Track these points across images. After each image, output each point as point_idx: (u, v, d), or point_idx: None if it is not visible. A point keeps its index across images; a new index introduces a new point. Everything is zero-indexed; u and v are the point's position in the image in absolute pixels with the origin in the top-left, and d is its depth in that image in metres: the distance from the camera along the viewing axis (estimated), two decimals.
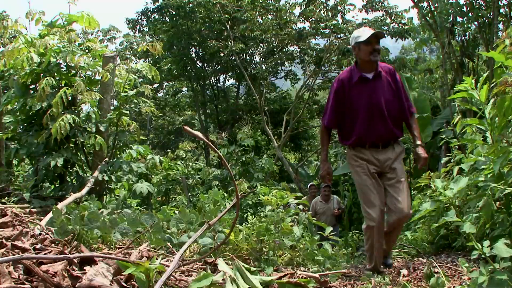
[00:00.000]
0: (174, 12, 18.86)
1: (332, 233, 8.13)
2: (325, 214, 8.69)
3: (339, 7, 16.83)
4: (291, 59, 18.57)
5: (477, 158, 3.21)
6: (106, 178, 4.64)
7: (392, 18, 16.54)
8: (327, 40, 16.95)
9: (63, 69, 5.19)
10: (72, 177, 5.30)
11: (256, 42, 18.40)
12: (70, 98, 4.72)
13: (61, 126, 4.29)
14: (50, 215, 3.90)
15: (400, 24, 16.42)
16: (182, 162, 12.49)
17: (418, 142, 3.74)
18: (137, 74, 4.96)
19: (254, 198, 10.03)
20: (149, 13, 20.80)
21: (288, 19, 17.08)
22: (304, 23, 17.48)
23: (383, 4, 16.54)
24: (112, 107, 5.06)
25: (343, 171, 11.97)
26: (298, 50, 17.83)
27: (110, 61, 4.93)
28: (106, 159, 4.89)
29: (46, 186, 5.70)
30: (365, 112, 3.65)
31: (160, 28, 20.47)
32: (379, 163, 3.67)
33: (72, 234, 2.62)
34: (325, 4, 16.83)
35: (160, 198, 12.62)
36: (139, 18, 21.56)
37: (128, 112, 4.74)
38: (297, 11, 17.93)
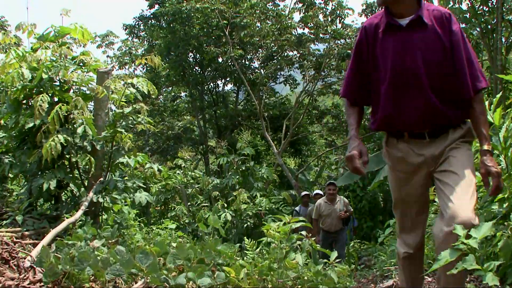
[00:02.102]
0: (170, 18, 18.71)
1: (338, 240, 7.92)
2: (330, 216, 8.11)
3: (338, 11, 16.68)
4: (291, 64, 18.42)
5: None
6: (100, 199, 4.47)
7: None
8: (326, 45, 16.81)
9: (56, 84, 5.01)
10: (67, 197, 5.13)
11: (255, 48, 18.25)
12: (65, 115, 4.54)
13: (52, 147, 4.12)
14: (43, 242, 3.74)
15: None
16: (181, 171, 12.30)
17: (485, 147, 2.35)
18: (136, 86, 4.78)
19: (254, 208, 9.90)
20: (146, 19, 20.69)
21: (288, 25, 16.93)
22: (304, 29, 17.33)
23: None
24: (107, 124, 4.89)
25: (345, 182, 11.53)
26: (298, 55, 17.67)
27: (105, 76, 4.76)
28: (101, 178, 4.73)
29: (41, 204, 5.54)
30: (392, 80, 2.45)
31: (157, 34, 20.35)
32: (425, 163, 2.49)
33: (62, 274, 2.44)
34: (324, 9, 16.69)
35: (159, 208, 12.47)
36: (136, 23, 21.45)
37: (123, 130, 4.57)
38: (296, 15, 17.81)
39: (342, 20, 16.69)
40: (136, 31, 22.00)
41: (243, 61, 19.45)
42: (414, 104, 2.44)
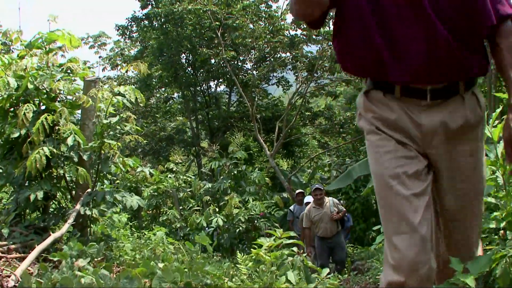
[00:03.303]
0: (163, 19, 18.60)
1: (337, 244, 7.70)
2: (322, 221, 7.60)
3: (331, 13, 16.58)
4: (283, 65, 18.34)
5: (487, 200, 2.96)
6: (88, 212, 4.37)
7: None
8: (319, 47, 16.73)
9: (43, 91, 4.91)
10: (54, 208, 5.03)
11: (247, 49, 18.16)
12: (51, 125, 4.44)
13: (37, 160, 4.02)
14: (28, 259, 3.64)
15: None
16: (173, 175, 12.20)
17: None
18: (126, 93, 4.68)
19: (246, 213, 9.81)
20: (139, 20, 20.55)
21: (280, 26, 16.85)
22: (296, 30, 17.26)
23: None
24: (94, 133, 4.79)
25: (338, 186, 11.34)
26: (291, 57, 17.59)
27: (91, 85, 4.67)
28: (89, 189, 4.63)
29: (28, 213, 5.42)
30: (387, 8, 1.70)
31: (150, 35, 20.23)
32: (421, 134, 1.78)
33: None
34: None
35: (150, 212, 12.36)
36: (129, 24, 21.30)
37: (110, 141, 4.48)
38: (289, 16, 17.73)
39: None
40: (128, 32, 21.85)
41: (236, 62, 19.35)
42: (412, 36, 1.66)
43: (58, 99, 4.77)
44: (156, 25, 19.54)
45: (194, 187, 11.08)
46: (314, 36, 16.64)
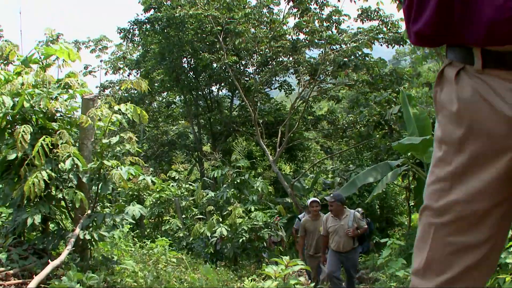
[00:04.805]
0: (164, 24, 18.48)
1: (348, 260, 7.41)
2: (337, 233, 7.01)
3: (334, 17, 16.47)
4: (285, 69, 18.20)
5: None
6: (87, 236, 4.24)
7: (388, 27, 16.19)
8: (322, 51, 16.59)
9: (40, 110, 4.77)
10: (53, 229, 4.90)
11: (249, 54, 18.03)
12: (50, 147, 4.30)
13: (35, 184, 3.89)
14: None
15: (396, 33, 16.07)
16: (175, 183, 12.08)
17: None
18: (128, 111, 4.55)
19: (249, 223, 9.68)
20: (141, 24, 20.43)
21: (282, 32, 16.72)
22: (298, 34, 17.11)
23: (378, 14, 16.18)
24: (93, 153, 4.66)
25: (344, 194, 10.88)
26: (293, 61, 17.45)
27: (90, 103, 4.53)
28: (89, 211, 4.50)
29: (27, 232, 5.30)
30: None
31: (151, 39, 20.13)
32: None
33: None
34: (319, 14, 16.47)
35: (153, 220, 12.23)
36: (131, 28, 21.19)
37: (110, 163, 4.34)
38: (291, 20, 17.60)
39: (338, 26, 16.49)
40: (130, 36, 21.74)
41: (238, 66, 19.22)
42: None
43: (56, 116, 4.63)
44: (158, 29, 19.43)
45: (197, 196, 10.95)
46: (316, 40, 16.51)
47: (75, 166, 4.20)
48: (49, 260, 3.85)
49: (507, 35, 1.08)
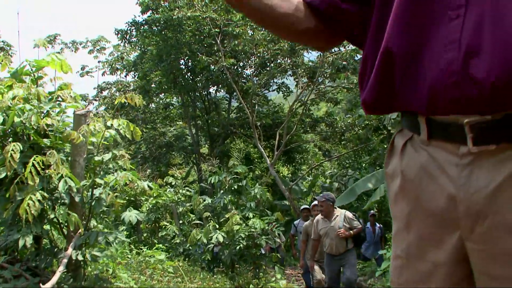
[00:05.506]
0: (162, 25, 18.39)
1: (346, 262, 7.23)
2: (328, 236, 6.75)
3: None
4: (284, 71, 18.11)
5: None
6: (80, 257, 4.15)
7: None
8: (320, 54, 16.48)
9: (30, 127, 4.66)
10: (46, 247, 4.81)
11: (247, 56, 17.94)
12: (42, 167, 4.19)
13: (31, 206, 3.79)
14: None
15: None
16: (172, 189, 12.01)
17: None
18: (120, 128, 4.45)
19: (247, 230, 9.59)
20: (138, 25, 20.33)
21: None
22: None
23: None
24: (85, 170, 4.57)
25: (344, 202, 10.78)
26: (291, 63, 17.36)
27: (82, 119, 4.43)
28: (82, 229, 4.41)
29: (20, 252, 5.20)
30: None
31: (149, 40, 20.03)
32: (463, 205, 0.99)
33: None
34: None
35: (149, 226, 12.15)
36: (128, 29, 21.08)
37: (102, 181, 4.25)
38: None
39: None
40: (128, 37, 21.65)
41: (236, 67, 19.12)
42: (443, 36, 0.98)
43: (48, 132, 4.52)
44: (156, 31, 19.33)
45: (194, 203, 10.86)
46: None
47: (68, 186, 4.10)
48: (41, 284, 3.75)
49: (451, 103, 0.97)
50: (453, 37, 0.97)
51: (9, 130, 4.72)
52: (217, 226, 10.07)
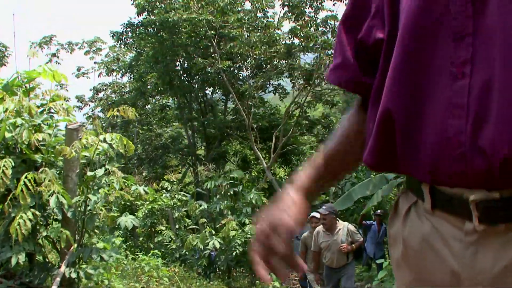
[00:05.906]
0: (158, 27, 18.31)
1: (345, 274, 7.16)
2: (329, 249, 6.52)
3: (329, 21, 16.35)
4: (280, 73, 18.06)
5: None
6: (73, 275, 4.09)
7: None
8: (317, 56, 16.46)
9: (21, 142, 4.58)
10: (39, 262, 4.75)
11: (243, 58, 17.89)
12: (34, 184, 4.13)
13: (21, 225, 3.73)
14: None
15: None
16: (168, 193, 11.95)
17: None
18: (113, 142, 4.39)
19: (243, 236, 9.56)
20: (134, 27, 20.25)
21: (277, 37, 16.56)
22: (293, 39, 16.97)
23: None
24: (78, 185, 4.50)
25: (341, 207, 10.53)
26: (287, 65, 17.32)
27: (74, 134, 4.37)
28: (75, 245, 4.35)
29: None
30: (404, 42, 0.92)
31: (145, 42, 19.96)
32: (466, 284, 0.90)
33: None
34: (314, 18, 16.35)
35: (145, 230, 12.09)
36: (124, 30, 20.99)
37: (95, 197, 4.19)
38: (285, 23, 17.45)
39: (334, 31, 16.36)
40: (124, 38, 21.56)
41: (232, 69, 19.06)
42: (447, 97, 0.88)
43: (40, 146, 4.45)
44: (151, 32, 19.25)
45: (190, 208, 10.82)
46: (311, 45, 16.37)
47: (59, 203, 4.04)
48: None
49: (456, 176, 0.88)
50: (460, 102, 0.86)
51: (1, 144, 4.66)
52: (213, 232, 10.02)
